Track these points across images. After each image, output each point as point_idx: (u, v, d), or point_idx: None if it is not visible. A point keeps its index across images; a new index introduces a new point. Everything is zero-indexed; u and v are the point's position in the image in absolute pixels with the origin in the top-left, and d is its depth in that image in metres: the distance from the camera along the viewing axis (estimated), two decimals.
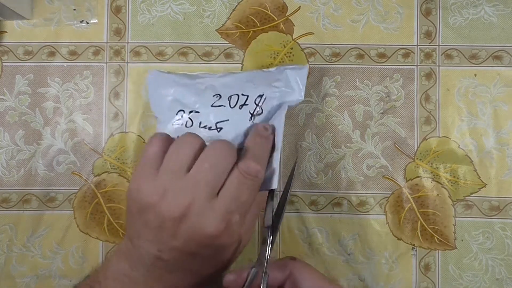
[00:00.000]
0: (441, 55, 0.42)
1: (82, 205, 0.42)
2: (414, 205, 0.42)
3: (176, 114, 0.37)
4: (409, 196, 0.42)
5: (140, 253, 0.31)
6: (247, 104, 0.37)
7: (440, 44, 0.42)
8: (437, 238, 0.42)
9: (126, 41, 0.43)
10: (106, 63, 0.43)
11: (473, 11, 0.42)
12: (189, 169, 0.30)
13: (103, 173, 0.42)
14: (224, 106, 0.37)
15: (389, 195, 0.42)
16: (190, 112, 0.37)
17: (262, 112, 0.37)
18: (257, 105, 0.37)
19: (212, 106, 0.37)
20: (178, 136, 0.34)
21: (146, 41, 0.43)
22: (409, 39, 0.42)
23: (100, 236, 0.42)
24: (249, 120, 0.37)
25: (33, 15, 0.43)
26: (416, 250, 0.42)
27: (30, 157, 0.42)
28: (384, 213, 0.42)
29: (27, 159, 0.42)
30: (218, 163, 0.30)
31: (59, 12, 0.43)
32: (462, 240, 0.41)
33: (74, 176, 0.42)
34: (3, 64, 0.43)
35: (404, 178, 0.42)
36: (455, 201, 0.42)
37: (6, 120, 0.43)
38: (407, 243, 0.42)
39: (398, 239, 0.42)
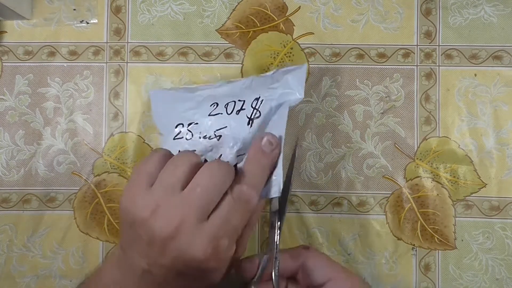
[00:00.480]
0: (441, 55, 0.42)
1: (82, 205, 0.42)
2: (414, 205, 0.42)
3: (176, 127, 0.37)
4: (409, 196, 0.42)
5: (132, 263, 0.31)
6: (244, 109, 0.36)
7: (440, 44, 0.42)
8: (437, 238, 0.42)
9: (126, 41, 0.43)
10: (106, 63, 0.43)
11: (473, 11, 0.42)
12: (183, 187, 0.30)
13: (103, 173, 0.42)
14: (221, 113, 0.37)
15: (389, 195, 0.42)
16: (189, 124, 0.37)
17: (260, 115, 0.36)
18: (254, 108, 0.36)
19: (209, 115, 0.37)
20: (178, 151, 0.34)
21: (146, 41, 0.43)
22: (409, 39, 0.42)
23: (100, 236, 0.42)
24: (247, 125, 0.36)
25: (33, 15, 0.43)
26: (416, 250, 0.42)
27: (30, 157, 0.42)
28: (384, 213, 0.42)
29: (27, 159, 0.42)
30: (212, 186, 0.30)
31: (59, 12, 0.43)
32: (462, 240, 0.42)
33: (74, 176, 0.42)
34: (3, 64, 0.43)
35: (404, 178, 0.42)
36: (455, 201, 0.42)
37: (6, 120, 0.43)
38: (407, 243, 0.42)
39: (398, 239, 0.42)
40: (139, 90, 0.43)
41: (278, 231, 0.33)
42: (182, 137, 0.37)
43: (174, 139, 0.37)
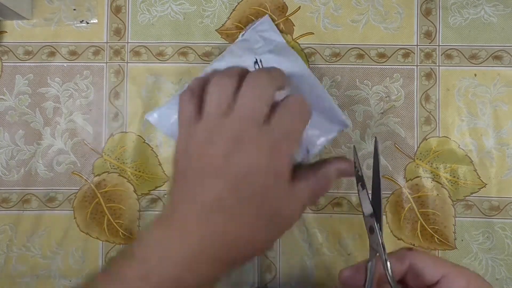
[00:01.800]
0: (441, 55, 0.42)
1: (82, 205, 0.42)
2: (414, 205, 0.42)
3: None
4: (409, 196, 0.42)
5: (193, 200, 0.28)
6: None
7: (440, 44, 0.42)
8: (437, 238, 0.42)
9: (126, 41, 0.43)
10: (106, 63, 0.43)
11: (473, 11, 0.42)
12: (230, 106, 0.29)
13: (103, 173, 0.42)
14: None
15: (389, 195, 0.42)
16: None
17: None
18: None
19: None
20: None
21: (146, 41, 0.43)
22: (409, 39, 0.42)
23: (100, 236, 0.42)
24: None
25: (33, 15, 0.43)
26: None
27: (30, 157, 0.42)
28: (384, 213, 0.42)
29: (27, 159, 0.42)
30: (258, 94, 0.29)
31: (59, 12, 0.43)
32: (462, 240, 0.41)
33: (74, 176, 0.42)
34: (3, 64, 0.43)
35: (404, 178, 0.42)
36: (455, 201, 0.42)
37: (6, 120, 0.43)
38: (407, 243, 0.42)
39: (398, 239, 0.42)
40: (139, 90, 0.43)
41: (380, 233, 0.32)
42: None
43: None
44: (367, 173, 0.42)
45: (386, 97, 0.42)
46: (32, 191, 0.42)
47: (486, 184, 0.41)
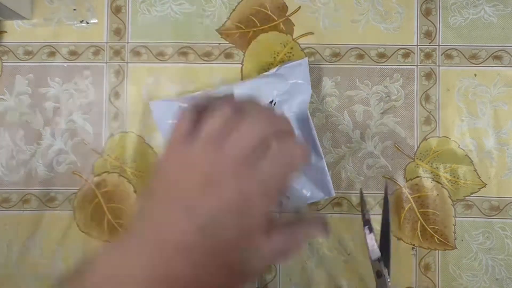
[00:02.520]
0: (441, 55, 0.42)
1: (82, 205, 0.42)
2: (414, 205, 0.42)
3: None
4: (409, 196, 0.42)
5: (163, 217, 0.27)
6: None
7: (440, 44, 0.42)
8: (437, 238, 0.42)
9: (126, 41, 0.43)
10: (106, 63, 0.43)
11: (473, 11, 0.42)
12: (224, 141, 0.28)
13: (103, 173, 0.42)
14: None
15: (389, 195, 0.42)
16: None
17: None
18: None
19: None
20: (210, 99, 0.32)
21: (146, 41, 0.43)
22: (409, 39, 0.42)
23: (100, 236, 0.42)
24: None
25: (33, 15, 0.43)
26: (416, 250, 0.42)
27: (30, 157, 0.42)
28: None
29: (27, 159, 0.42)
30: (253, 135, 0.28)
31: (59, 12, 0.43)
32: (462, 240, 0.42)
33: (74, 176, 0.42)
34: (3, 64, 0.43)
35: (404, 178, 0.42)
36: (455, 201, 0.42)
37: (6, 120, 0.43)
38: (407, 243, 0.42)
39: (398, 239, 0.42)
40: (139, 90, 0.43)
41: (389, 279, 0.33)
42: None
43: None
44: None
45: (386, 97, 0.42)
46: (32, 191, 0.42)
47: (486, 184, 0.41)
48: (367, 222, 0.33)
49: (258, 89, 0.37)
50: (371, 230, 0.33)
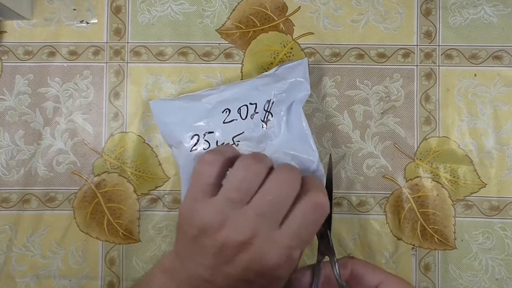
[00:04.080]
0: (441, 55, 0.42)
1: (82, 205, 0.42)
2: (414, 205, 0.42)
3: (191, 139, 0.37)
4: (409, 196, 0.42)
5: (189, 274, 0.30)
6: (257, 112, 0.36)
7: (440, 44, 0.42)
8: (437, 238, 0.42)
9: (126, 41, 0.43)
10: (106, 63, 0.43)
11: (473, 11, 0.42)
12: (251, 197, 0.29)
13: (103, 173, 0.42)
14: (236, 119, 0.36)
15: (389, 195, 0.42)
16: (205, 134, 0.37)
17: (273, 116, 0.36)
18: (266, 111, 0.36)
19: (224, 122, 0.37)
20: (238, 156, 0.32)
21: (146, 41, 0.43)
22: (409, 39, 0.42)
23: (100, 236, 0.42)
24: (263, 128, 0.36)
25: (33, 15, 0.43)
26: (416, 250, 0.42)
27: (30, 157, 0.42)
28: (384, 213, 0.42)
29: (27, 159, 0.42)
30: (282, 194, 0.29)
31: (59, 12, 0.43)
32: (462, 240, 0.42)
33: (74, 176, 0.42)
34: (3, 64, 0.43)
35: (404, 178, 0.42)
36: (455, 201, 0.42)
37: (6, 120, 0.43)
38: (407, 243, 0.42)
39: (398, 239, 0.42)
40: (139, 90, 0.43)
41: (331, 237, 0.34)
42: (198, 148, 0.37)
43: (191, 150, 0.37)
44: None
45: (386, 97, 0.42)
46: (32, 191, 0.42)
47: (486, 184, 0.41)
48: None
49: (257, 89, 0.37)
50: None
